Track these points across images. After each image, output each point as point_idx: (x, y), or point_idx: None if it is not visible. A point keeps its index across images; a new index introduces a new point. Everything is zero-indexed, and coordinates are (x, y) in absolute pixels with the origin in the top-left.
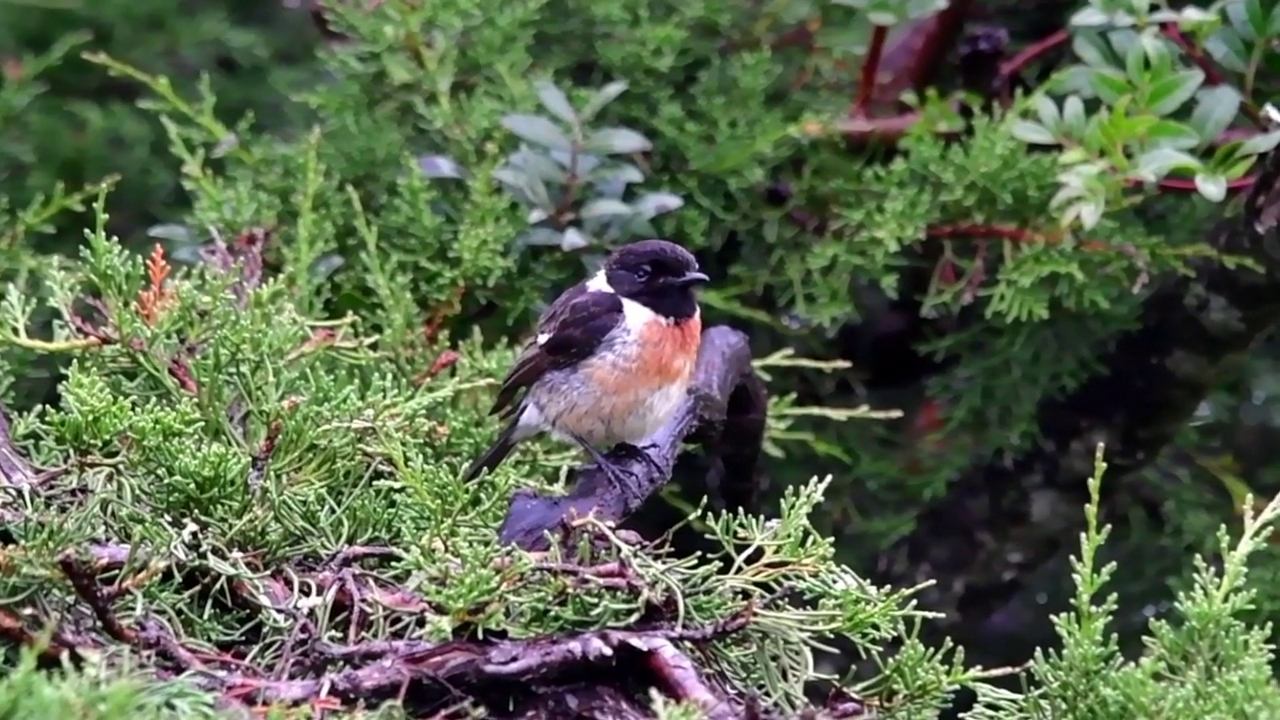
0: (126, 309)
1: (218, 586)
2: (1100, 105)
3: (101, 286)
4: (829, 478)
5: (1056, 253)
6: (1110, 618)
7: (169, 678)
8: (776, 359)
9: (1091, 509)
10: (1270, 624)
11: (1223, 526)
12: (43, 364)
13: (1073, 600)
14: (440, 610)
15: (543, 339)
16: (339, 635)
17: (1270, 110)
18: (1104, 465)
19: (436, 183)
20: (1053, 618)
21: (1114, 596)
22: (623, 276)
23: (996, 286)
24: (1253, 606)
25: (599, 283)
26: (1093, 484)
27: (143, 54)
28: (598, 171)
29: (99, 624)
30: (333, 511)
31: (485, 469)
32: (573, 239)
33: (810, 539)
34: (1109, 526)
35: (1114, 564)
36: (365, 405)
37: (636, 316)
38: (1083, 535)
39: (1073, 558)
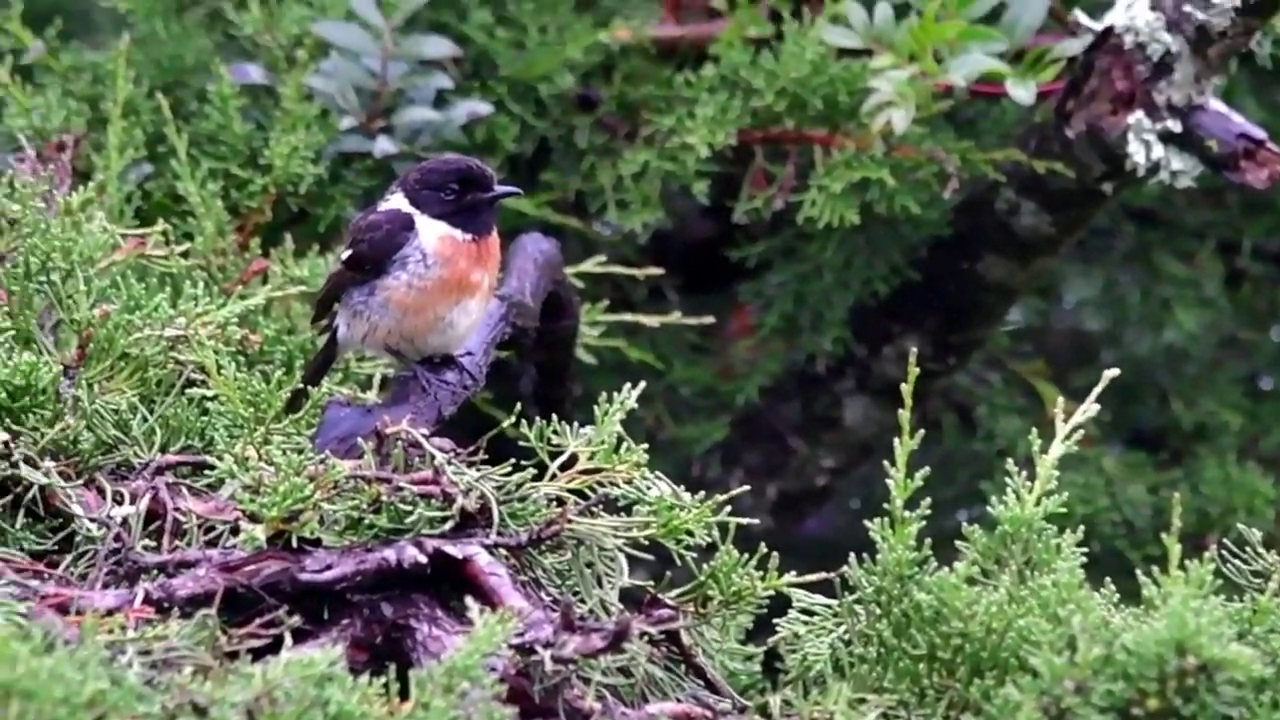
0: None
1: (30, 496)
2: (910, 10)
3: None
4: (642, 384)
5: (867, 158)
6: (924, 523)
7: None
8: (589, 265)
9: (905, 413)
10: (1082, 527)
11: (1034, 430)
12: None
13: (886, 505)
14: (254, 518)
15: (344, 255)
16: (152, 544)
17: (1079, 14)
18: (917, 370)
19: (247, 89)
20: (866, 523)
21: (927, 501)
22: (428, 197)
23: (808, 192)
24: (1065, 510)
25: (395, 201)
26: (905, 388)
27: None
28: (408, 78)
29: None
30: (145, 420)
31: (310, 384)
32: (384, 145)
33: (624, 445)
34: (921, 431)
35: (927, 469)
36: (177, 313)
37: (430, 233)
38: (895, 440)
39: (885, 463)
